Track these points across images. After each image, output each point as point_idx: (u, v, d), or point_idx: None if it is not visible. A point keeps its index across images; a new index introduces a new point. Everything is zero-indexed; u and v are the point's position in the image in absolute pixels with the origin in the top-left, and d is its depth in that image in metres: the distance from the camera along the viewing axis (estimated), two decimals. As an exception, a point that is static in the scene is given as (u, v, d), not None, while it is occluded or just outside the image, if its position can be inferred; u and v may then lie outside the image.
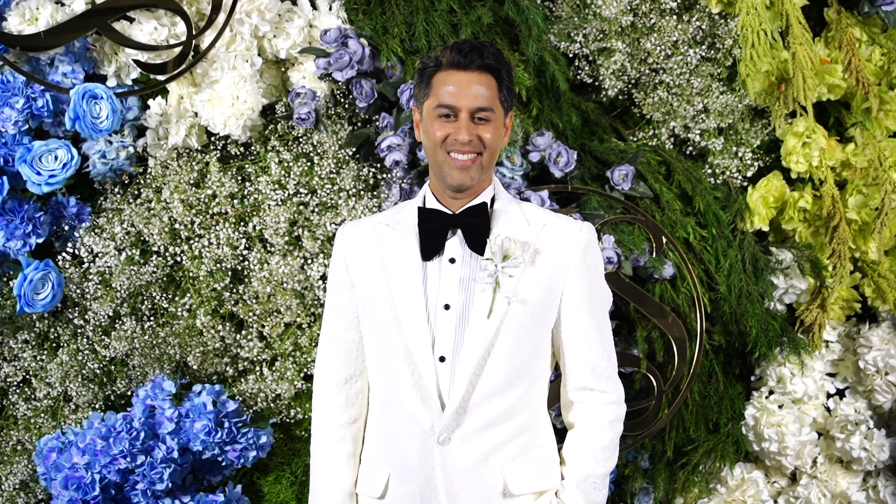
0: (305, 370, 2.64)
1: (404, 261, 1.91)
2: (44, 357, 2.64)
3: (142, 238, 2.64)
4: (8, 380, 2.66)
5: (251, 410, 2.63)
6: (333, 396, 1.98)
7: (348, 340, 1.99)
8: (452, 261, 1.89)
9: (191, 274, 2.63)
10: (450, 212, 1.92)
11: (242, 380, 2.64)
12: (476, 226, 1.89)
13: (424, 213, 1.92)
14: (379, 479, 1.94)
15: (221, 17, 2.59)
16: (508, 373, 1.87)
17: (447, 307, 1.87)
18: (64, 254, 2.58)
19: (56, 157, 2.50)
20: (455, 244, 1.90)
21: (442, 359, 1.86)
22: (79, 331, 2.63)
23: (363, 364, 2.00)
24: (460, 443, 1.86)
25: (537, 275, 1.89)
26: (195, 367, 2.63)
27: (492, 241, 1.88)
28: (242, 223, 2.65)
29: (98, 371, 2.63)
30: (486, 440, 1.87)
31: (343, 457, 1.97)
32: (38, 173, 2.49)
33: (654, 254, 2.72)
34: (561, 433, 2.01)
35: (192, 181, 2.64)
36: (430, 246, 1.90)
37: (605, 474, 1.94)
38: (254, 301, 2.63)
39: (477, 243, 1.88)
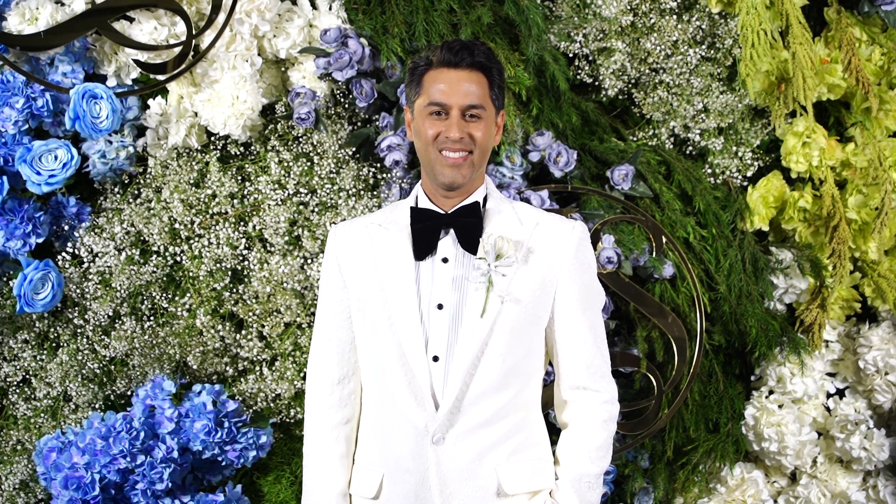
0: (305, 370, 2.64)
1: (397, 260, 1.91)
2: (44, 357, 2.64)
3: (142, 238, 2.64)
4: (8, 380, 2.66)
5: (251, 410, 2.63)
6: (327, 397, 1.99)
7: (342, 340, 1.99)
8: (445, 260, 1.90)
9: (191, 274, 2.63)
10: (442, 211, 1.92)
11: (242, 380, 2.64)
12: (469, 225, 1.90)
13: (417, 213, 1.93)
14: (373, 479, 1.94)
15: (221, 17, 2.59)
16: (502, 372, 1.87)
17: (440, 307, 1.87)
18: (64, 254, 2.58)
19: (56, 157, 2.50)
20: (448, 244, 1.90)
21: (435, 358, 1.86)
22: (79, 331, 2.63)
23: (356, 364, 2.00)
24: (454, 442, 1.86)
25: (530, 274, 1.89)
26: (195, 366, 2.63)
27: (484, 240, 1.88)
28: (242, 223, 2.65)
29: (98, 371, 2.63)
30: (480, 440, 1.87)
31: (336, 457, 1.97)
32: (38, 173, 2.49)
33: (654, 254, 2.72)
34: (555, 432, 2.01)
35: (191, 181, 2.64)
36: (423, 245, 1.90)
37: (600, 474, 1.94)
38: (254, 301, 2.63)
39: (470, 243, 1.89)
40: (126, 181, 2.68)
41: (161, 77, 2.60)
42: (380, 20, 2.63)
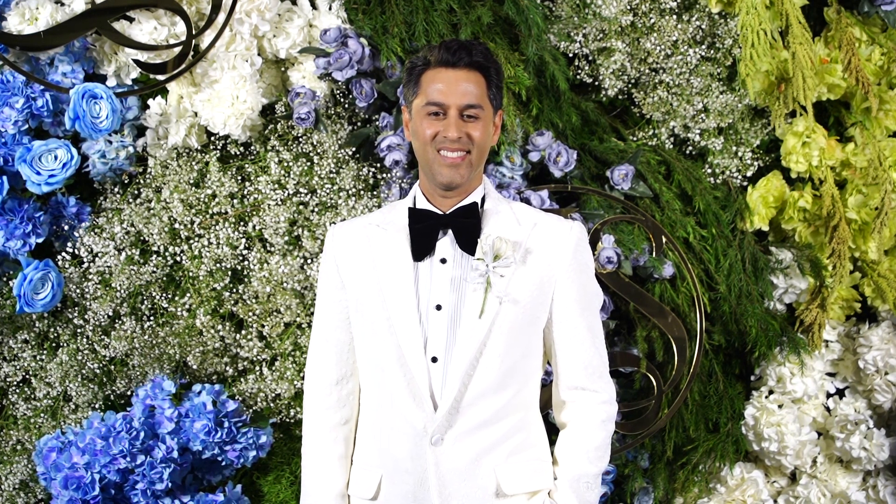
0: (305, 370, 2.64)
1: (395, 261, 1.91)
2: (43, 357, 2.64)
3: (142, 238, 2.64)
4: (8, 380, 2.66)
5: (251, 410, 2.63)
6: (325, 397, 1.98)
7: (340, 341, 1.99)
8: (443, 261, 1.89)
9: (191, 274, 2.63)
10: (440, 212, 1.92)
11: (242, 380, 2.64)
12: (467, 226, 1.89)
13: (415, 214, 1.92)
14: (371, 480, 1.94)
15: (221, 17, 2.59)
16: (500, 373, 1.87)
17: (439, 307, 1.87)
18: (64, 254, 2.58)
19: (56, 157, 2.50)
20: (446, 244, 1.90)
21: (434, 359, 1.86)
22: (79, 331, 2.63)
23: (354, 365, 2.00)
24: (453, 443, 1.86)
25: (528, 274, 1.89)
26: (195, 366, 2.63)
27: (482, 240, 1.88)
28: (242, 223, 2.65)
29: (98, 371, 2.63)
30: (479, 440, 1.87)
31: (335, 458, 1.97)
32: (38, 173, 2.49)
33: (654, 253, 2.72)
34: (555, 432, 2.01)
35: (191, 181, 2.64)
36: (421, 246, 1.90)
37: (598, 474, 1.93)
38: (254, 301, 2.63)
39: (468, 243, 1.88)
40: (126, 181, 2.68)
41: (161, 77, 2.60)
42: (380, 20, 2.63)
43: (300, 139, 2.65)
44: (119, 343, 2.59)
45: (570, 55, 2.78)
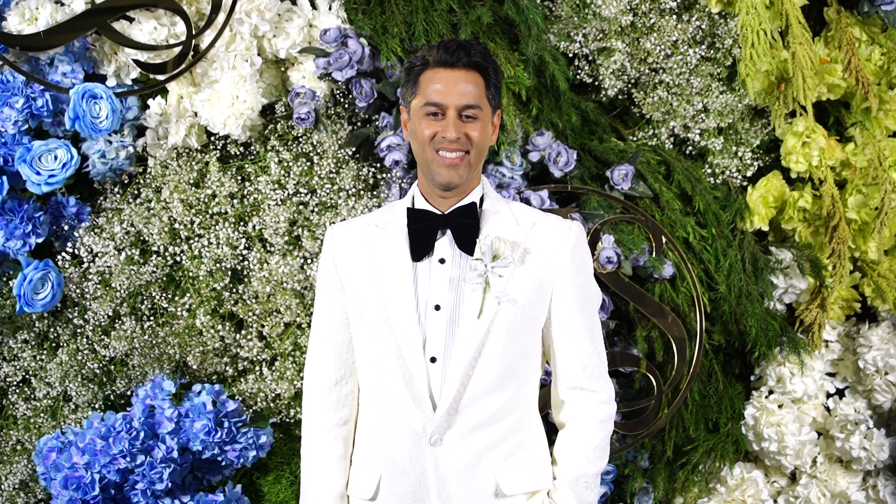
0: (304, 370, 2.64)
1: (394, 261, 1.90)
2: (43, 357, 2.64)
3: (141, 238, 2.64)
4: (8, 380, 2.66)
5: (251, 410, 2.63)
6: (324, 398, 1.98)
7: (338, 342, 1.99)
8: (442, 261, 1.89)
9: (190, 274, 2.63)
10: (439, 212, 1.92)
11: (242, 379, 2.64)
12: (465, 226, 1.89)
13: (414, 214, 1.92)
14: (370, 480, 1.93)
15: (221, 17, 2.59)
16: (499, 373, 1.87)
17: (438, 308, 1.87)
18: (64, 254, 2.59)
19: (56, 157, 2.50)
20: (445, 244, 1.90)
21: (433, 359, 1.86)
22: (78, 331, 2.63)
23: (353, 365, 2.00)
24: (452, 443, 1.86)
25: (527, 274, 1.89)
26: (195, 366, 2.63)
27: (481, 241, 1.87)
28: (242, 223, 2.65)
29: (98, 371, 2.63)
30: (478, 441, 1.87)
31: (334, 458, 1.97)
32: (38, 173, 2.49)
33: (654, 253, 2.72)
34: (555, 432, 2.01)
35: (191, 181, 2.64)
36: (420, 246, 1.89)
37: (597, 474, 1.93)
38: (253, 301, 2.63)
39: (466, 243, 1.88)
40: (126, 181, 2.68)
41: (161, 77, 2.60)
42: (380, 20, 2.63)
43: (300, 139, 2.65)
44: (119, 343, 2.59)
45: (570, 55, 2.78)
